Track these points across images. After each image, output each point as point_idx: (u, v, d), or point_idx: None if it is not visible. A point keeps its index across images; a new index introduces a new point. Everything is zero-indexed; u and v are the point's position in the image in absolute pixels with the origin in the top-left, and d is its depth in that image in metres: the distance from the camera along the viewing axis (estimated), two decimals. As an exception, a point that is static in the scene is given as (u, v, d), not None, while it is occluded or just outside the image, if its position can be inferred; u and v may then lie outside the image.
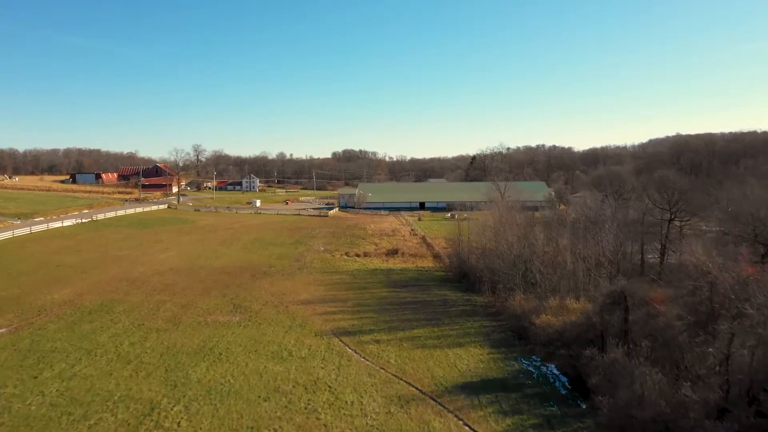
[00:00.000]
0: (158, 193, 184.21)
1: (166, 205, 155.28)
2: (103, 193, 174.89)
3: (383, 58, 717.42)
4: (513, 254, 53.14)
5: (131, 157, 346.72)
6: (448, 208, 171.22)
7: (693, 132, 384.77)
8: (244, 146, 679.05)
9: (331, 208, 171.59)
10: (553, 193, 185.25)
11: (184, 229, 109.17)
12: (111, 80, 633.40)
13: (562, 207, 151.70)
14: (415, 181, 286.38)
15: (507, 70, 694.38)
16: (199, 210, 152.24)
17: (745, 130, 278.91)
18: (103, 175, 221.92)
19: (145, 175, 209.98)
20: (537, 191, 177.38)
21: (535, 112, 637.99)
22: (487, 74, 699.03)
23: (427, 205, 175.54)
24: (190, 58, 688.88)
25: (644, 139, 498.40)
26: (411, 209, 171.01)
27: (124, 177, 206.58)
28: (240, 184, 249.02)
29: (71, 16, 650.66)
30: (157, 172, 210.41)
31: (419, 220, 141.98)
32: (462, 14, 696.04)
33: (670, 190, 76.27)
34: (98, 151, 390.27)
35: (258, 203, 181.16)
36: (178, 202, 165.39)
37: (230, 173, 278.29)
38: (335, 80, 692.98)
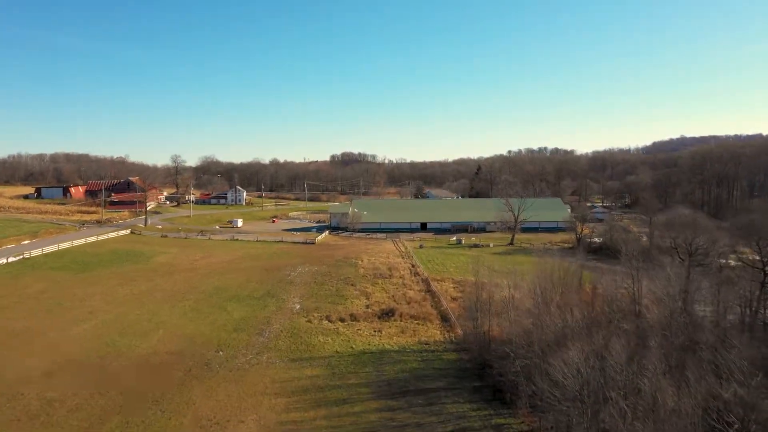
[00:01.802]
0: (126, 212, 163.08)
1: (128, 230, 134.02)
2: (60, 213, 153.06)
3: (383, 60, 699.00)
4: (576, 381, 32.72)
5: (121, 162, 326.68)
6: (453, 229, 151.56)
7: (697, 134, 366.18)
8: (239, 150, 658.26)
9: (322, 228, 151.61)
10: (570, 210, 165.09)
11: (130, 273, 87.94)
12: (106, 82, 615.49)
13: (586, 230, 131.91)
14: (416, 192, 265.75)
15: (507, 72, 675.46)
16: (166, 236, 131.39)
17: (751, 134, 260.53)
18: (72, 189, 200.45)
19: (115, 190, 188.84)
20: (554, 210, 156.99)
21: (536, 114, 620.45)
22: (486, 77, 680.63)
23: (429, 226, 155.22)
24: (186, 60, 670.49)
25: (648, 142, 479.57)
26: (411, 231, 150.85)
27: (91, 193, 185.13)
28: (225, 197, 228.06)
29: (70, 17, 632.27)
30: (128, 186, 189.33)
31: (420, 247, 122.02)
32: (461, 16, 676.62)
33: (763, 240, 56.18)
34: (87, 156, 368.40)
35: (239, 223, 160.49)
36: (145, 225, 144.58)
37: (215, 184, 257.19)
38: (334, 82, 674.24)
